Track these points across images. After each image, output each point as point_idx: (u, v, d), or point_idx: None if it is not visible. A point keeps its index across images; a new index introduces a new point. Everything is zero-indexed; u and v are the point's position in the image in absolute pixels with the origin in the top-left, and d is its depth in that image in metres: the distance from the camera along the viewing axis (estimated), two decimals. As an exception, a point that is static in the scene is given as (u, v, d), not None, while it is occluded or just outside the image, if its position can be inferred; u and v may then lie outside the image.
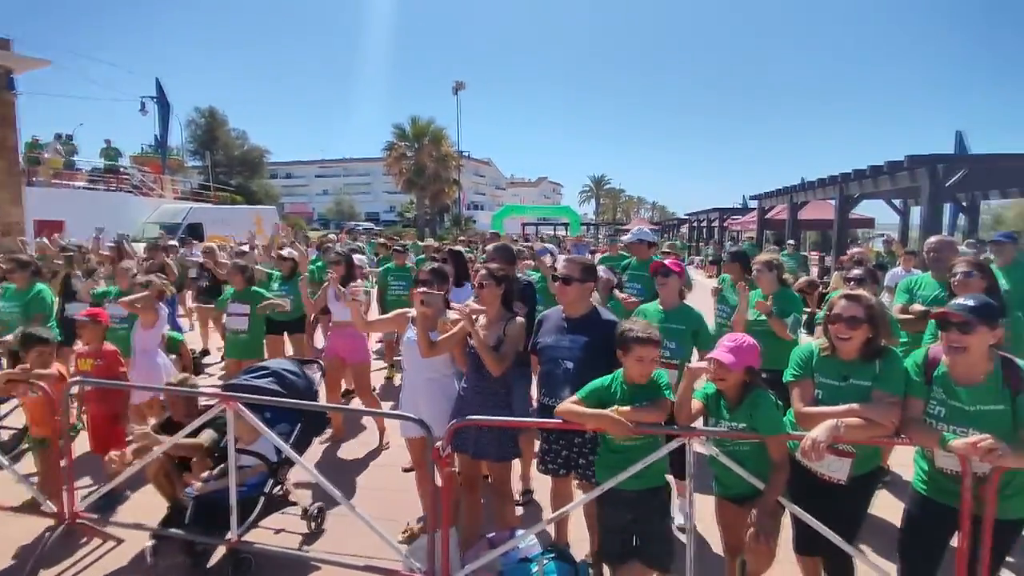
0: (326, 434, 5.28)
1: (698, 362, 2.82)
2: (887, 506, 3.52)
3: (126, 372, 4.47)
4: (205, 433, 3.49)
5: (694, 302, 3.99)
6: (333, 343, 5.39)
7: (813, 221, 20.92)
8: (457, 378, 3.50)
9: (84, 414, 4.62)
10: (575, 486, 3.35)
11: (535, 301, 4.35)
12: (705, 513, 3.08)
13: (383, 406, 5.54)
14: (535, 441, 3.63)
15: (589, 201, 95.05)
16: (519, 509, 3.93)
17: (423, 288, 3.40)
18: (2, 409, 4.79)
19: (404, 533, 3.65)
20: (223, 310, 5.74)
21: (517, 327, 3.23)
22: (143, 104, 27.70)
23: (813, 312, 6.41)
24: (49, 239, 9.30)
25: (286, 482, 3.74)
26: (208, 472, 3.50)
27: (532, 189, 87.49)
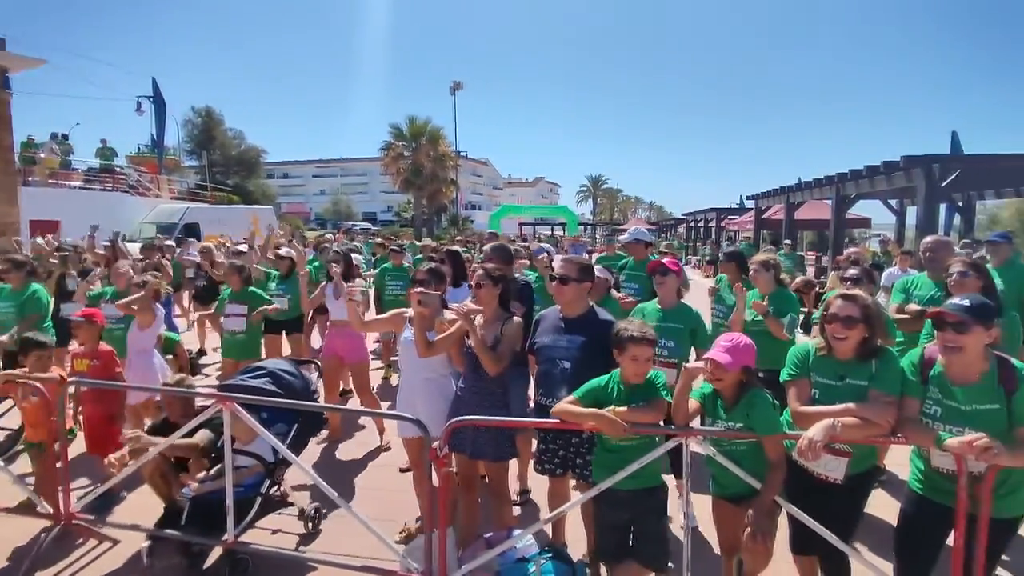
0: (323, 434, 5.28)
1: (695, 362, 2.82)
2: (883, 505, 3.53)
3: (122, 372, 4.45)
4: (201, 433, 3.49)
5: (691, 302, 4.01)
6: (331, 342, 5.39)
7: (810, 221, 21.03)
8: (454, 378, 3.50)
9: (80, 415, 4.60)
10: (572, 486, 3.35)
11: (532, 301, 4.35)
12: (703, 513, 3.08)
13: (381, 406, 5.54)
14: (532, 441, 3.63)
15: (586, 201, 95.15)
16: (516, 509, 3.93)
17: (420, 288, 3.40)
18: (-2, 410, 4.77)
19: (401, 533, 3.65)
20: (222, 312, 5.73)
21: (514, 327, 3.23)
22: (139, 104, 27.70)
23: (810, 312, 6.44)
24: (45, 239, 9.27)
25: (283, 482, 3.73)
26: (204, 472, 3.50)
27: (529, 189, 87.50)
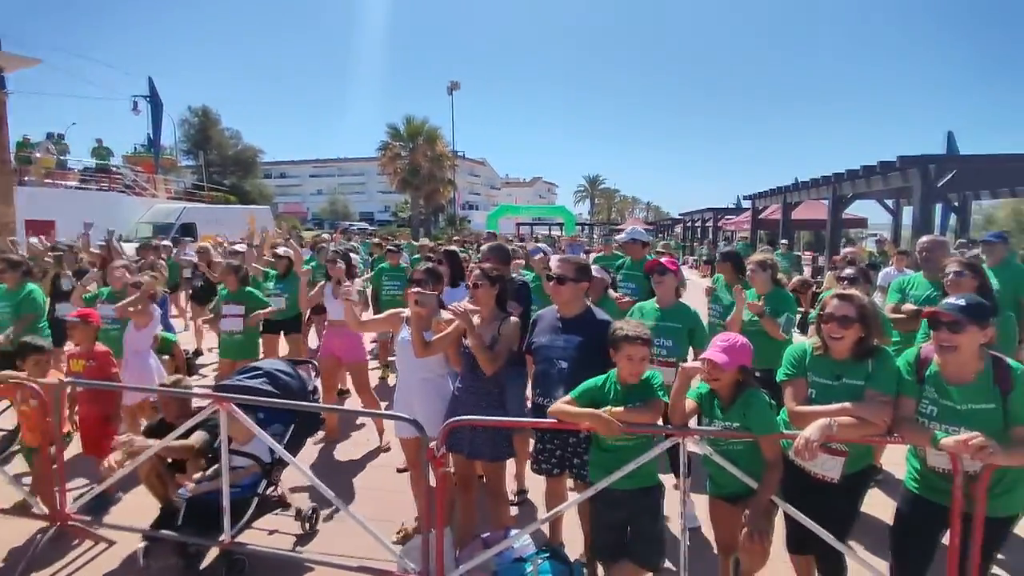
0: (320, 435, 5.27)
1: (691, 362, 2.82)
2: (879, 504, 3.54)
3: (118, 373, 4.44)
4: (196, 435, 3.46)
5: (688, 302, 4.02)
6: (329, 343, 5.38)
7: (806, 221, 21.04)
8: (451, 378, 3.50)
9: (76, 415, 4.58)
10: (569, 486, 3.35)
11: (530, 301, 4.35)
12: (704, 513, 3.09)
13: (380, 406, 5.52)
14: (530, 441, 3.63)
15: (584, 201, 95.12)
16: (514, 509, 3.93)
17: (417, 288, 3.40)
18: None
19: (398, 533, 3.65)
20: (219, 312, 5.72)
21: (511, 327, 3.23)
22: (135, 103, 27.61)
23: (807, 312, 6.46)
24: (39, 239, 9.23)
25: (280, 483, 3.72)
26: (201, 473, 3.49)
27: (527, 189, 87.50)
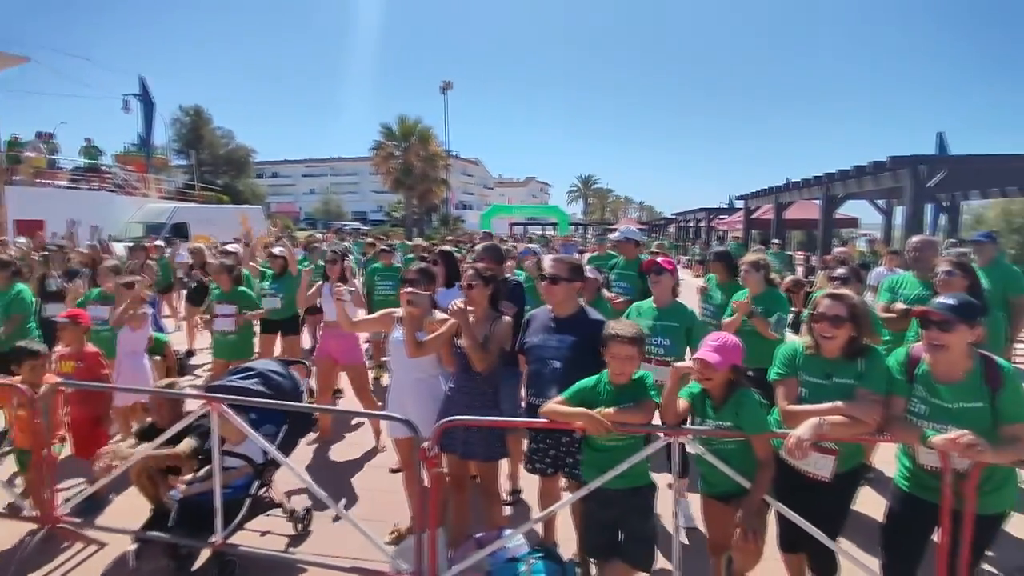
0: (313, 435, 5.25)
1: (682, 362, 2.83)
2: (870, 502, 3.55)
3: (108, 374, 4.40)
4: (185, 442, 3.43)
5: (682, 301, 4.02)
6: (325, 343, 5.34)
7: (798, 221, 21.12)
8: (444, 378, 3.49)
9: (67, 416, 4.54)
10: (563, 486, 3.35)
11: (523, 301, 4.35)
12: (694, 511, 3.09)
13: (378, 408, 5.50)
14: (523, 441, 3.63)
15: (577, 201, 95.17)
16: (507, 509, 3.93)
17: (410, 288, 3.39)
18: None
19: (392, 534, 3.63)
20: (212, 312, 5.68)
21: (504, 326, 3.23)
22: (127, 102, 27.37)
23: (799, 311, 6.48)
24: (27, 240, 9.16)
25: (272, 484, 3.70)
26: (193, 474, 3.47)
27: (520, 189, 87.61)
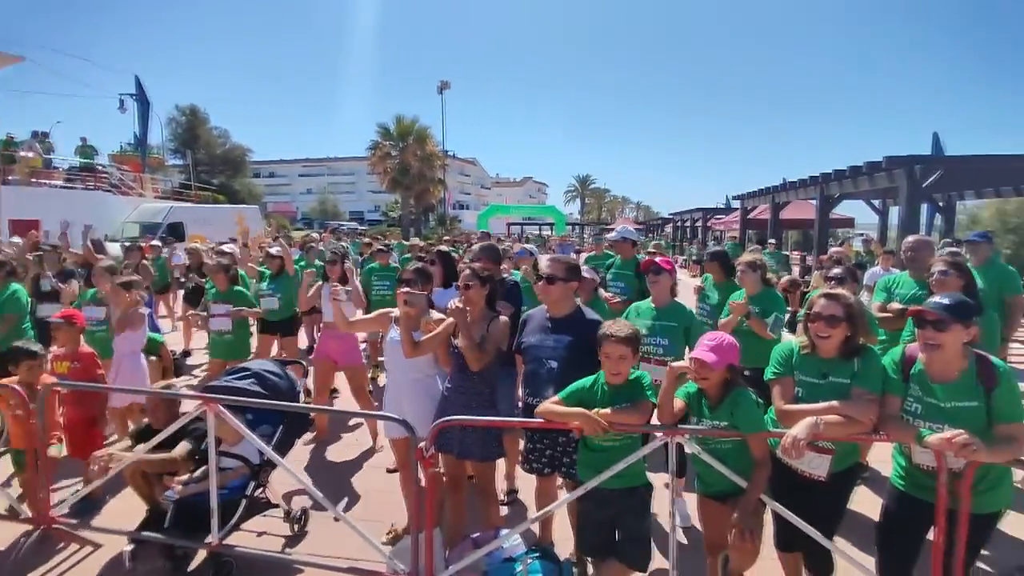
0: (310, 435, 5.24)
1: (678, 361, 2.83)
2: (866, 501, 3.57)
3: (104, 375, 4.38)
4: (180, 446, 3.42)
5: (680, 300, 4.03)
6: (323, 344, 5.31)
7: (794, 221, 21.22)
8: (441, 378, 3.49)
9: (62, 417, 4.52)
10: (559, 485, 3.35)
11: (521, 301, 4.35)
12: (691, 511, 3.10)
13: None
14: (519, 441, 3.63)
15: (574, 201, 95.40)
16: (504, 509, 3.93)
17: (407, 288, 3.39)
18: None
19: (388, 534, 3.63)
20: (208, 312, 5.67)
21: (500, 326, 3.23)
22: (122, 102, 27.21)
23: (795, 311, 6.50)
24: (21, 240, 9.11)
25: (268, 484, 3.70)
26: (189, 475, 3.46)
27: (517, 189, 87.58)
